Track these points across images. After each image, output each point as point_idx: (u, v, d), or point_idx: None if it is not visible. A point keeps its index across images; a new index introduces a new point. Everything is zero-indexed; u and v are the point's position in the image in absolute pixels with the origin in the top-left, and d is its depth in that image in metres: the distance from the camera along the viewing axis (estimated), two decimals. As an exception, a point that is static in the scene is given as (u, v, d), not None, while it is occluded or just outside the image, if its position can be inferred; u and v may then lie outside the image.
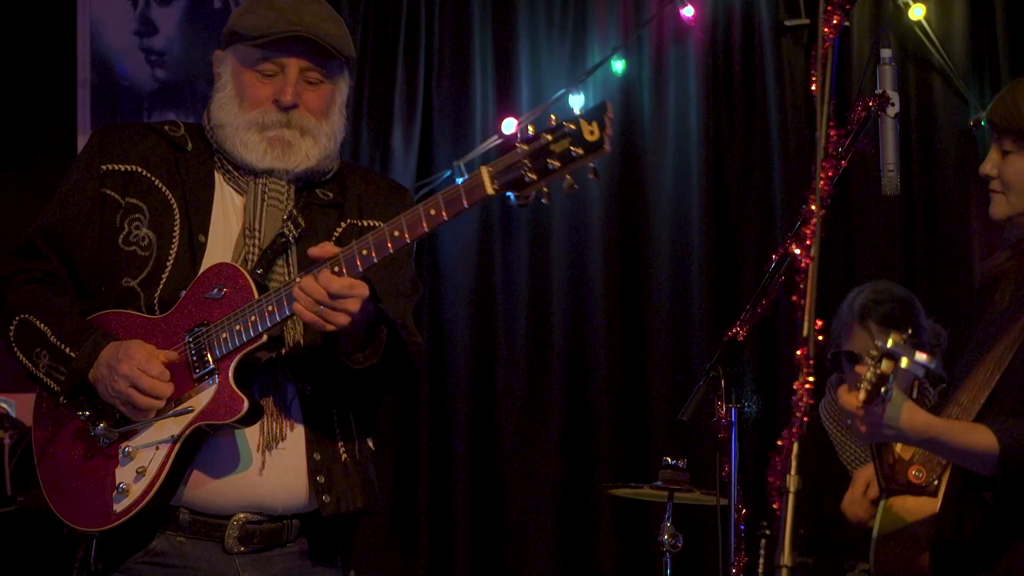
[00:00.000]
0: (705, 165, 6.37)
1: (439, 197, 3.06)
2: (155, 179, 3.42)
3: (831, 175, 3.46)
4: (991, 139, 3.54)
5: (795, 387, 2.94)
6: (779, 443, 2.94)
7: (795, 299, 3.00)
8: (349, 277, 3.11)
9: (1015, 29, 6.27)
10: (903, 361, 3.05)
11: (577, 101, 6.32)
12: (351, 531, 3.49)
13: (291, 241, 3.36)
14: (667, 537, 5.08)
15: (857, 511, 3.87)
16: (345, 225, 3.44)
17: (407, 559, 6.27)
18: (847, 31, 6.16)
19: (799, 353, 2.94)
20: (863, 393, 3.10)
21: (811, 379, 2.95)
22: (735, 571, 4.04)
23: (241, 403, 3.20)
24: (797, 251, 3.45)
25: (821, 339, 2.95)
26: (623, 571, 6.22)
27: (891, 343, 3.05)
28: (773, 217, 6.32)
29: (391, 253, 3.11)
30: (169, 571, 3.30)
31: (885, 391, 3.09)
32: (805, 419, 2.94)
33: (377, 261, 3.11)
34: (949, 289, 6.14)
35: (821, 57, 3.06)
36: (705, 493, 5.05)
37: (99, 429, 3.27)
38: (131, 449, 3.26)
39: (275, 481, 3.30)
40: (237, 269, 3.27)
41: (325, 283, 3.10)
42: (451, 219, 3.08)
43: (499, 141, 6.32)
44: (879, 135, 4.82)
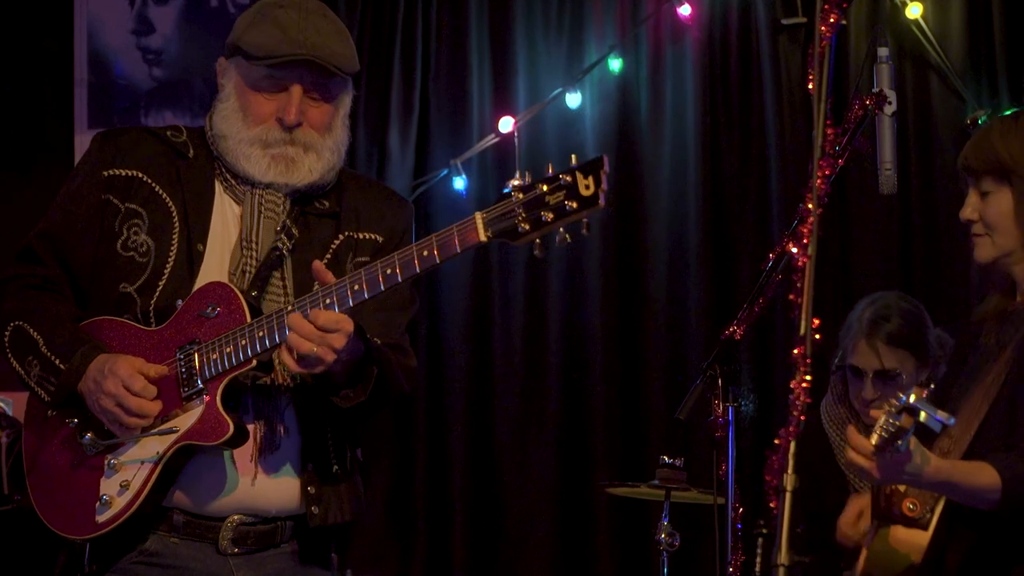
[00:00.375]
0: (702, 164, 6.36)
1: (433, 239, 3.07)
2: (156, 185, 3.43)
3: (828, 174, 3.45)
4: (966, 184, 3.56)
5: (792, 386, 2.94)
6: (776, 442, 2.95)
7: (792, 298, 3.00)
8: (338, 312, 3.12)
9: (1012, 27, 6.26)
10: (922, 416, 3.07)
11: (574, 100, 6.32)
12: (347, 532, 3.50)
13: (284, 254, 3.37)
14: (664, 536, 5.10)
15: (848, 536, 3.90)
16: (343, 237, 3.45)
17: (404, 559, 6.27)
18: (844, 30, 6.15)
19: (796, 352, 2.94)
20: (876, 438, 3.13)
21: (808, 378, 2.95)
22: (732, 570, 4.04)
23: (226, 427, 3.22)
24: (794, 250, 3.44)
25: (818, 338, 2.95)
26: (621, 570, 6.22)
27: (913, 399, 3.07)
28: (770, 216, 6.32)
29: (383, 291, 3.12)
30: (163, 571, 3.32)
31: (900, 444, 3.12)
32: (802, 418, 2.94)
33: (368, 297, 3.13)
34: (946, 288, 6.14)
35: (818, 55, 3.06)
36: (702, 492, 5.05)
37: (86, 439, 3.30)
38: (116, 462, 3.29)
39: (268, 487, 3.32)
40: (232, 290, 3.28)
41: (312, 318, 3.12)
42: (443, 262, 3.09)
43: (495, 140, 6.32)
44: (876, 133, 4.81)
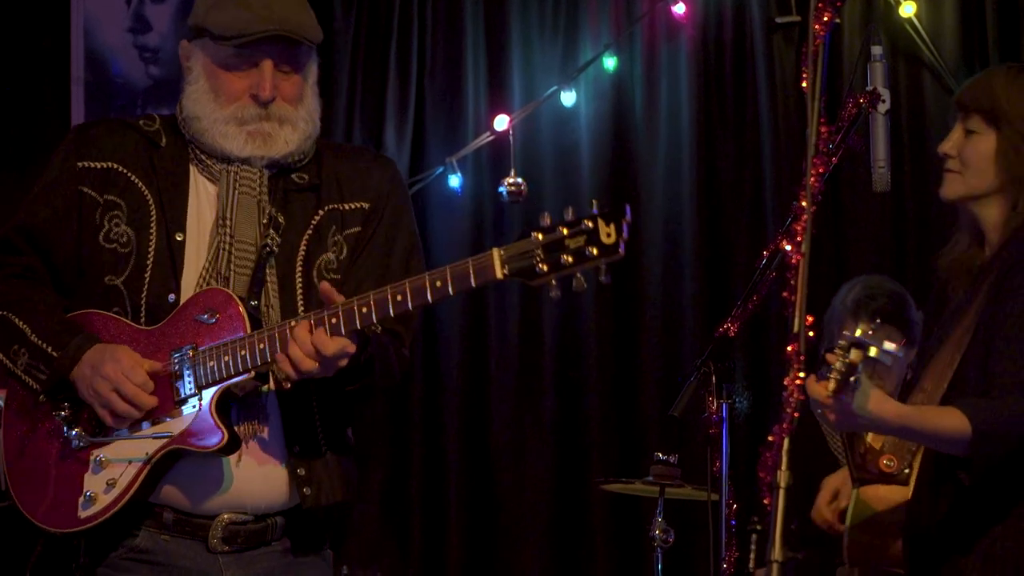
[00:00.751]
0: (696, 161, 6.37)
1: (447, 271, 3.08)
2: (132, 175, 3.41)
3: (822, 171, 3.48)
4: (954, 120, 3.57)
5: (786, 383, 2.98)
6: (770, 439, 2.97)
7: (786, 295, 3.03)
8: (343, 338, 3.13)
9: (1005, 26, 6.28)
10: (871, 350, 3.06)
11: (569, 98, 6.34)
12: (342, 525, 3.50)
13: (274, 249, 3.35)
14: (658, 532, 5.11)
15: (825, 516, 3.91)
16: (324, 212, 3.44)
17: (400, 553, 6.27)
18: (838, 28, 6.16)
19: (790, 349, 2.97)
20: (832, 383, 3.10)
21: (802, 375, 2.98)
22: (726, 566, 4.07)
23: (219, 435, 3.21)
24: (788, 247, 3.46)
25: (812, 335, 2.97)
26: (615, 566, 6.23)
27: (859, 332, 3.06)
28: (764, 213, 6.33)
29: (391, 315, 3.12)
30: (153, 568, 3.31)
31: (854, 380, 3.10)
32: (796, 415, 2.97)
33: (376, 321, 3.12)
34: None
35: (812, 54, 3.09)
36: (696, 488, 5.03)
37: (73, 432, 3.28)
38: (103, 458, 3.28)
39: (254, 475, 3.30)
40: (230, 298, 3.27)
41: (320, 345, 3.13)
42: (456, 294, 3.10)
43: (491, 138, 6.33)
44: (870, 132, 4.84)
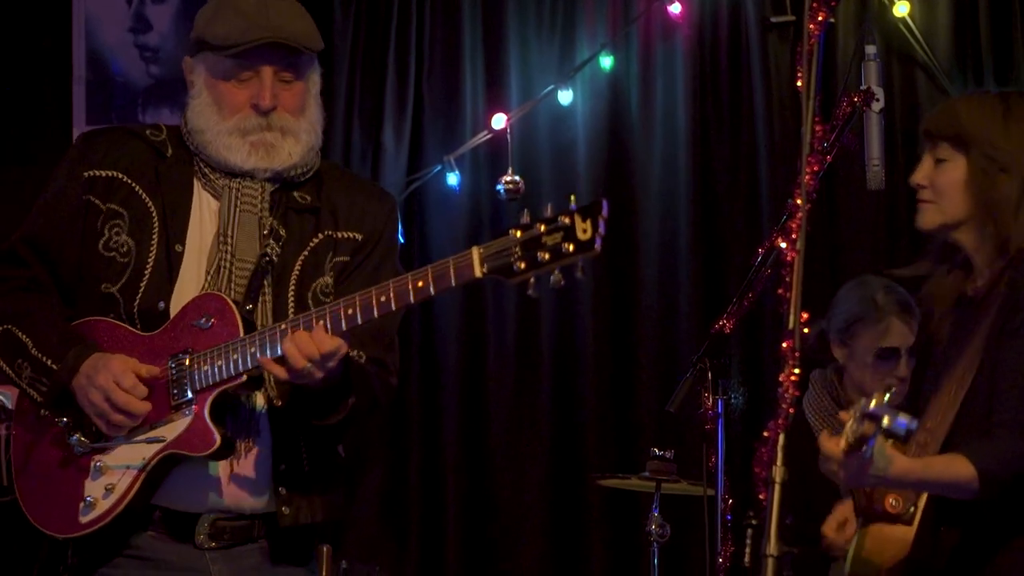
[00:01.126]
0: (692, 160, 6.38)
1: (428, 271, 3.09)
2: (136, 186, 3.44)
3: (816, 170, 3.47)
4: (923, 150, 3.57)
5: (781, 379, 2.97)
6: (765, 434, 2.98)
7: (781, 292, 3.04)
8: (337, 338, 3.15)
9: (998, 26, 6.28)
10: (884, 421, 3.06)
11: (566, 97, 6.35)
12: (327, 529, 3.52)
13: (274, 260, 3.38)
14: (655, 527, 5.12)
15: (834, 539, 3.88)
16: (321, 237, 3.45)
17: (399, 548, 6.29)
18: (832, 28, 6.16)
19: (785, 345, 2.97)
20: (844, 443, 3.12)
21: (796, 371, 2.98)
22: (721, 560, 4.08)
23: (213, 439, 3.24)
24: (783, 245, 3.48)
25: (807, 331, 2.99)
26: (612, 561, 6.24)
27: (873, 404, 3.06)
28: (759, 211, 6.33)
29: (376, 317, 3.14)
30: (142, 563, 3.34)
31: (865, 450, 3.11)
32: (791, 411, 2.97)
33: (362, 323, 3.14)
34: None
35: (807, 53, 3.09)
36: (692, 483, 5.02)
37: (74, 439, 3.31)
38: (102, 464, 3.30)
39: (241, 485, 3.34)
40: (227, 303, 3.29)
41: (319, 341, 3.14)
42: (438, 294, 3.11)
43: (488, 136, 6.34)
44: (864, 130, 4.83)
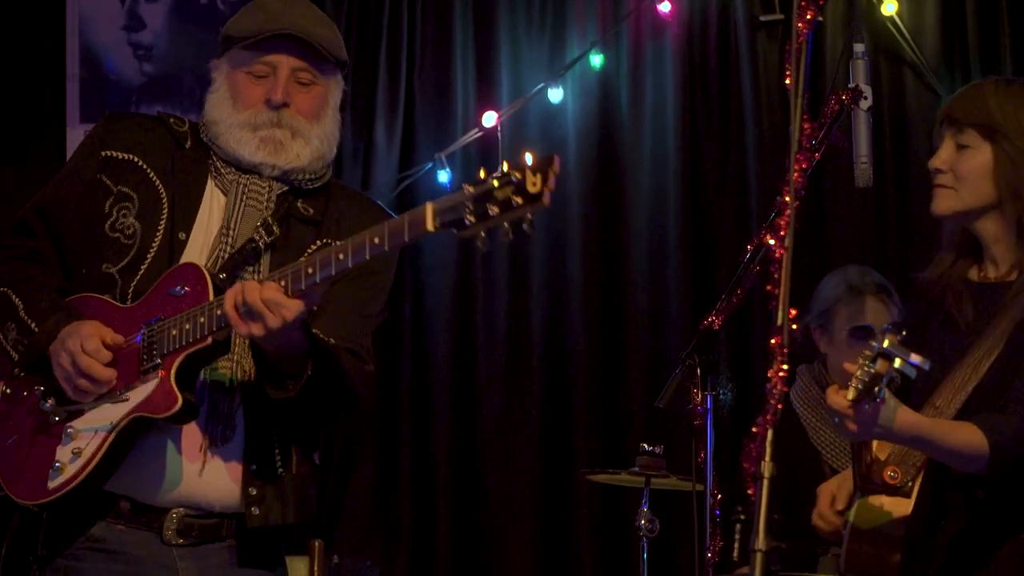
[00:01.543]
0: (682, 157, 6.41)
1: (385, 227, 3.09)
2: (150, 171, 3.46)
3: (805, 167, 3.47)
4: (942, 134, 3.53)
5: (769, 375, 2.97)
6: (754, 430, 2.99)
7: (769, 289, 3.06)
8: (284, 296, 3.13)
9: (985, 24, 6.31)
10: (897, 361, 3.05)
11: (556, 95, 6.37)
12: (295, 532, 3.53)
13: (260, 248, 3.39)
14: (644, 522, 5.13)
15: (828, 522, 3.92)
16: (320, 244, 3.46)
17: (389, 542, 6.31)
18: (820, 26, 6.17)
19: (773, 341, 2.98)
20: (852, 392, 3.08)
21: (785, 367, 2.97)
22: (710, 555, 4.09)
23: (175, 400, 3.22)
24: (772, 241, 3.48)
25: (795, 328, 3.00)
26: (601, 555, 6.26)
27: (887, 343, 3.04)
28: (748, 208, 6.36)
29: (333, 275, 3.14)
30: (109, 556, 3.34)
31: (878, 391, 3.08)
32: (779, 406, 2.98)
33: (319, 281, 3.14)
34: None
35: (795, 52, 3.09)
36: (681, 479, 5.05)
37: (48, 405, 3.33)
38: (73, 430, 3.31)
39: (212, 482, 3.34)
40: (200, 270, 3.30)
41: (264, 289, 3.13)
42: (391, 249, 3.11)
43: (479, 134, 6.36)
44: (852, 128, 4.82)
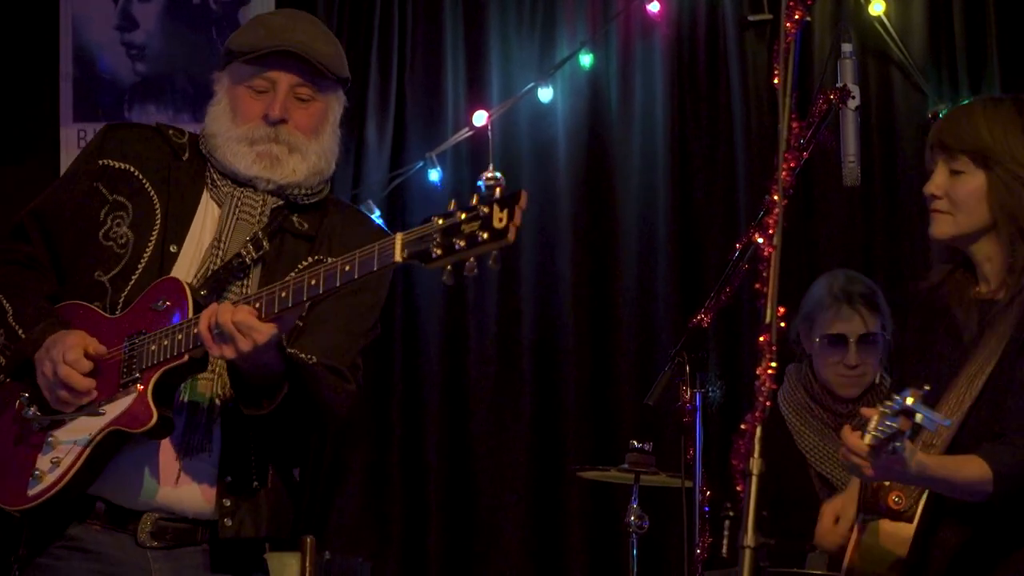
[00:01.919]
0: (671, 157, 6.42)
1: (356, 255, 3.09)
2: (146, 182, 3.48)
3: (793, 166, 3.50)
4: (934, 159, 3.54)
5: (758, 372, 3.01)
6: (742, 427, 3.02)
7: (758, 287, 3.09)
8: (256, 320, 3.13)
9: (972, 25, 6.33)
10: (918, 417, 3.04)
11: (546, 94, 6.39)
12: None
13: (248, 263, 3.39)
14: (633, 518, 5.13)
15: (833, 540, 3.92)
16: (311, 260, 3.45)
17: (382, 540, 6.32)
18: (808, 26, 6.17)
19: (762, 339, 3.00)
20: (870, 438, 3.09)
21: (773, 364, 3.00)
22: (699, 551, 4.10)
23: (151, 416, 3.23)
24: (760, 240, 3.51)
25: (783, 326, 3.03)
26: (591, 551, 6.27)
27: (910, 401, 3.04)
28: (737, 207, 6.37)
29: (305, 300, 3.15)
30: (85, 556, 3.35)
31: (898, 445, 3.09)
32: (768, 404, 3.00)
33: (292, 306, 3.14)
34: (908, 277, 6.18)
35: (783, 51, 3.11)
36: (670, 475, 5.03)
37: (30, 413, 3.33)
38: (54, 439, 3.32)
39: (187, 490, 3.35)
40: (181, 286, 3.31)
41: (235, 312, 3.14)
42: (361, 278, 3.11)
43: (469, 133, 6.38)
44: (840, 127, 4.83)
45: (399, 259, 3.03)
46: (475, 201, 2.99)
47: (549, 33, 6.51)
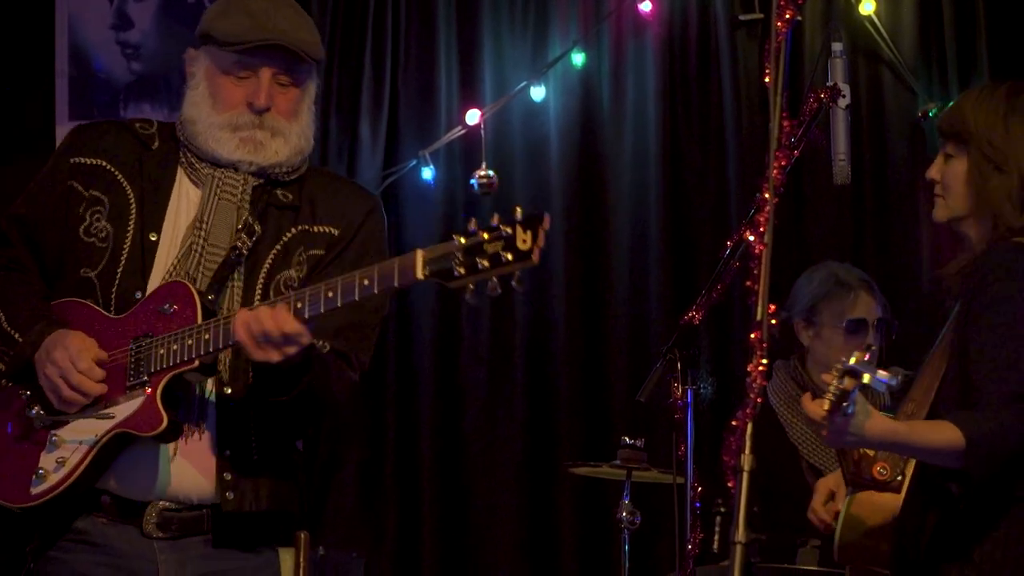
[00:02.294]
0: (662, 155, 6.42)
1: (375, 269, 3.11)
2: (118, 174, 3.50)
3: (784, 164, 3.49)
4: (939, 145, 3.64)
5: (749, 369, 3.02)
6: (733, 423, 3.02)
7: (749, 284, 3.09)
8: (302, 325, 3.16)
9: (962, 24, 6.34)
10: (865, 377, 3.09)
11: (538, 93, 6.40)
12: (281, 530, 3.56)
13: (244, 253, 3.42)
14: (625, 514, 5.15)
15: (822, 517, 3.94)
16: (296, 231, 3.49)
17: (375, 535, 6.34)
18: (799, 25, 6.14)
19: (753, 336, 3.02)
20: (827, 403, 3.13)
21: (764, 361, 3.01)
22: (691, 547, 4.11)
23: (160, 420, 3.27)
24: (751, 238, 3.51)
25: (774, 323, 3.05)
26: (583, 547, 6.28)
27: (854, 361, 3.09)
28: (728, 205, 6.38)
29: (322, 312, 3.17)
30: (92, 549, 3.39)
31: (846, 406, 3.13)
32: (759, 400, 3.02)
33: (308, 317, 3.17)
34: (897, 273, 6.20)
35: (774, 50, 3.14)
36: (662, 472, 5.06)
37: (33, 412, 3.37)
38: (57, 438, 3.35)
39: (188, 473, 3.38)
40: (189, 291, 3.34)
41: (282, 321, 3.16)
42: (381, 292, 3.13)
43: (462, 132, 6.39)
44: (830, 126, 4.84)
45: (420, 276, 3.06)
46: (496, 221, 3.02)
47: (541, 32, 6.52)
